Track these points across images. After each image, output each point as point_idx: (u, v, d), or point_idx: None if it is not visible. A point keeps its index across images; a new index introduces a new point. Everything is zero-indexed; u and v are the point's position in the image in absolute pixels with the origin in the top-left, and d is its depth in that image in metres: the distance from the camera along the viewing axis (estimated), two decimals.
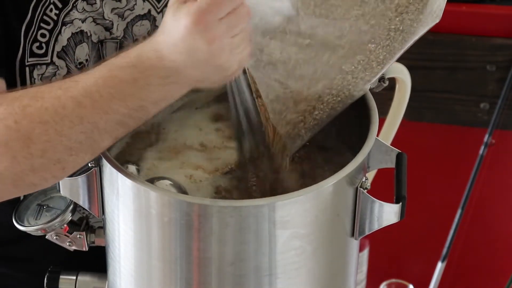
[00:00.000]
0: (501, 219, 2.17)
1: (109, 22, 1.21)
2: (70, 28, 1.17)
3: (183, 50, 0.97)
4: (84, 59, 1.19)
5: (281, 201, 1.00)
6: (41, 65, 1.16)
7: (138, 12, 1.23)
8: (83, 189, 1.09)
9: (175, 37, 0.97)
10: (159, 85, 0.99)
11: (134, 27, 1.23)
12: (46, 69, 1.17)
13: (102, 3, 1.19)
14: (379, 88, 1.21)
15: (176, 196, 1.03)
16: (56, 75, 1.18)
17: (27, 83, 1.16)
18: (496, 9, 2.02)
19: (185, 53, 0.97)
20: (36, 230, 1.14)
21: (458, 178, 2.10)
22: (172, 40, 0.97)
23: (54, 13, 1.16)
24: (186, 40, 0.96)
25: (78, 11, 1.17)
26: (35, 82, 1.16)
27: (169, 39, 0.98)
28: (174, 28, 0.97)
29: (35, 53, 1.16)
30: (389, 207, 1.05)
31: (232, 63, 1.00)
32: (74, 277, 1.18)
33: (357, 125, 1.14)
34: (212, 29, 0.96)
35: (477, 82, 2.03)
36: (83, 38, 1.19)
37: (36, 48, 1.15)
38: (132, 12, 1.23)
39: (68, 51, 1.18)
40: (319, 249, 1.06)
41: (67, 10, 1.16)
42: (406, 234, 2.18)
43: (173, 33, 0.97)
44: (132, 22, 1.23)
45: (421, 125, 2.10)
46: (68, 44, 1.18)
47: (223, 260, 1.02)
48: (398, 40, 1.10)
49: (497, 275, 2.16)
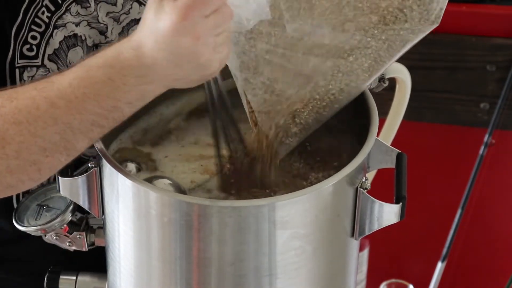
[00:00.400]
0: (501, 219, 2.17)
1: (104, 26, 1.20)
2: (63, 32, 1.17)
3: (167, 47, 0.96)
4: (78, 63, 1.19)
5: (281, 201, 1.00)
6: (31, 67, 1.16)
7: (134, 16, 1.23)
8: (83, 189, 1.09)
9: (158, 34, 0.96)
10: (134, 85, 0.98)
11: (130, 31, 1.22)
12: (37, 71, 1.17)
13: (97, 7, 1.19)
14: (379, 88, 1.21)
15: (176, 196, 1.03)
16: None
17: (17, 85, 1.15)
18: (496, 9, 2.02)
19: (168, 49, 0.96)
20: (36, 230, 1.14)
21: (458, 178, 2.10)
22: (155, 37, 0.96)
23: (46, 16, 1.15)
24: (171, 36, 0.95)
25: (71, 14, 1.17)
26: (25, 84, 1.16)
27: (152, 36, 0.96)
28: (157, 25, 0.96)
29: (25, 55, 1.15)
30: (389, 207, 1.05)
31: (213, 62, 0.99)
32: (74, 277, 1.18)
33: (357, 125, 1.14)
34: (198, 26, 0.95)
35: (477, 82, 2.03)
36: (77, 41, 1.18)
37: (26, 50, 1.15)
38: (127, 16, 1.22)
39: (60, 54, 1.18)
40: (319, 249, 1.06)
41: (60, 13, 1.16)
42: (406, 234, 2.18)
43: (157, 29, 0.96)
44: (128, 26, 1.23)
45: (421, 125, 2.10)
46: (60, 47, 1.17)
47: (223, 260, 1.02)
48: (383, 48, 1.10)
49: (497, 275, 2.16)
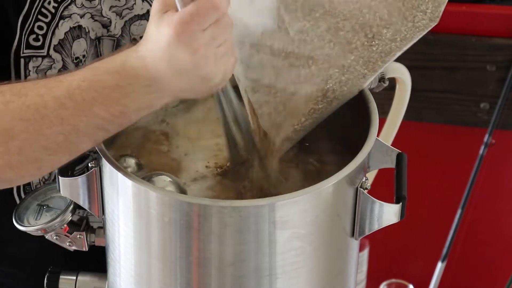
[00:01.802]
0: (501, 219, 2.17)
1: (107, 20, 1.21)
2: (68, 22, 1.17)
3: (166, 60, 0.97)
4: (81, 55, 1.19)
5: (281, 201, 1.00)
6: (37, 57, 1.16)
7: (137, 11, 1.23)
8: (83, 189, 1.09)
9: (158, 47, 0.97)
10: (142, 93, 0.98)
11: (132, 26, 1.23)
12: (42, 61, 1.17)
13: (101, 1, 1.19)
14: (379, 88, 1.21)
15: (176, 196, 1.03)
16: (52, 68, 1.17)
17: (21, 75, 1.16)
18: (496, 9, 2.02)
19: (168, 62, 0.97)
20: (36, 230, 1.14)
21: (458, 178, 2.10)
22: (155, 49, 0.97)
23: (53, 6, 1.15)
24: (169, 49, 0.96)
25: (77, 6, 1.17)
26: (30, 74, 1.16)
27: (153, 48, 0.97)
28: (157, 37, 0.97)
29: (31, 45, 1.15)
30: (389, 207, 1.05)
31: (217, 73, 0.99)
32: (74, 277, 1.18)
33: (357, 125, 1.14)
34: (195, 40, 0.95)
35: (477, 82, 2.03)
36: (81, 33, 1.19)
37: (32, 40, 1.15)
38: (130, 11, 1.23)
39: (65, 45, 1.18)
40: (319, 249, 1.06)
41: (66, 3, 1.16)
42: (406, 234, 2.18)
43: (157, 42, 0.97)
44: (130, 21, 1.23)
45: (421, 125, 2.10)
46: (65, 38, 1.17)
47: (223, 260, 1.02)
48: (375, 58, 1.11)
49: (497, 275, 2.16)
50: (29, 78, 1.16)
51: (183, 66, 0.97)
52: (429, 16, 1.11)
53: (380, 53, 1.11)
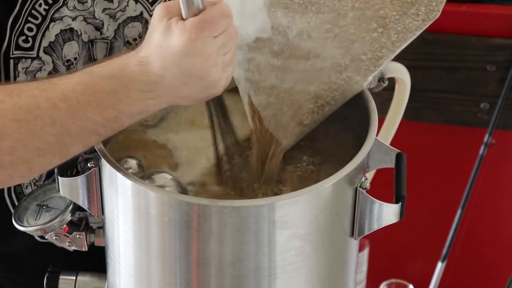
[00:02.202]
0: (501, 219, 2.17)
1: (100, 22, 1.20)
2: (59, 25, 1.17)
3: (177, 66, 0.97)
4: (72, 57, 1.19)
5: (280, 201, 1.00)
6: (26, 58, 1.16)
7: (130, 13, 1.23)
8: (82, 189, 1.09)
9: (168, 53, 0.97)
10: (138, 99, 0.99)
11: (126, 28, 1.23)
12: (31, 63, 1.17)
13: (94, 3, 1.19)
14: (379, 88, 1.21)
15: (175, 196, 1.03)
16: (42, 70, 1.17)
17: (10, 76, 1.15)
18: (496, 9, 2.02)
19: (178, 69, 0.97)
20: (35, 230, 1.14)
21: (458, 178, 2.10)
22: (163, 56, 0.97)
23: (43, 8, 1.15)
24: (182, 56, 0.96)
25: (68, 8, 1.17)
26: (19, 75, 1.16)
27: (160, 55, 0.97)
28: (166, 44, 0.97)
29: (20, 46, 1.15)
30: (388, 207, 1.05)
31: (222, 80, 1.00)
32: (74, 277, 1.18)
33: (357, 125, 1.14)
34: (207, 46, 0.96)
35: (477, 82, 2.03)
36: (73, 36, 1.18)
37: (22, 41, 1.15)
38: (123, 14, 1.22)
39: (55, 47, 1.17)
40: (319, 249, 1.06)
41: (57, 6, 1.16)
42: (406, 234, 2.18)
43: (166, 49, 0.97)
44: (124, 24, 1.23)
45: (421, 125, 2.10)
46: (56, 40, 1.17)
47: (222, 260, 1.02)
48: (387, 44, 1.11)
49: (497, 275, 2.16)
50: (18, 79, 1.16)
51: (194, 72, 0.97)
52: (422, 17, 1.11)
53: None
